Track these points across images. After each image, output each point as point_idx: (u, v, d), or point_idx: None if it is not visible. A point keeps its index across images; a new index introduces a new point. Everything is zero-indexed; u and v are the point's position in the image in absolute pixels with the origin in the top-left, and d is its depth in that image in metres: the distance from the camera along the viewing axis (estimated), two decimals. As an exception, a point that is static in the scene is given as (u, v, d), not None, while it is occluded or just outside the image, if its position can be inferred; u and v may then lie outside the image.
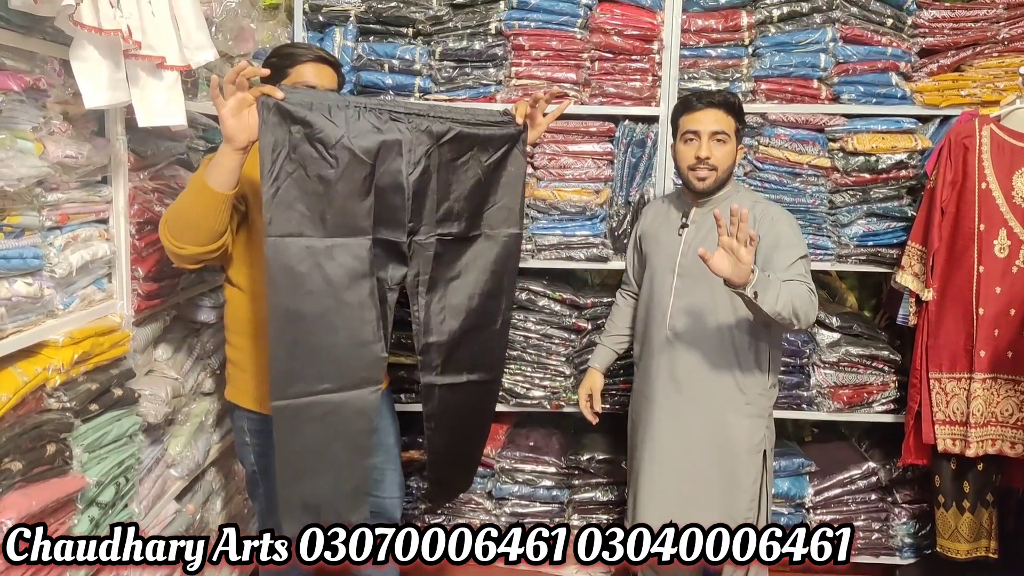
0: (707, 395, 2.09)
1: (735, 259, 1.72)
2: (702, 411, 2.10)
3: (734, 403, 2.08)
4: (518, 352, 2.77)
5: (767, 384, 2.10)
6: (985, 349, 2.37)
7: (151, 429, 1.97)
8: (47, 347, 1.57)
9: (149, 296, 1.92)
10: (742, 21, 2.62)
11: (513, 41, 2.65)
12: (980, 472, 2.47)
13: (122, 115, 1.77)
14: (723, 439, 2.09)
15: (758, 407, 2.09)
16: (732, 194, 2.14)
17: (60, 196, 1.60)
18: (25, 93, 1.45)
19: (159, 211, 1.93)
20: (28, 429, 1.48)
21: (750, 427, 2.09)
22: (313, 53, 1.85)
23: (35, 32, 1.50)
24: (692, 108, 2.07)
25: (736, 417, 2.08)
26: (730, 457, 2.09)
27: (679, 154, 2.11)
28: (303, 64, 1.82)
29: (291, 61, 1.83)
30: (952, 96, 2.62)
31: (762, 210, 2.09)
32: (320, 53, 1.86)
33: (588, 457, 2.84)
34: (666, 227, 2.20)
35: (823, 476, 2.80)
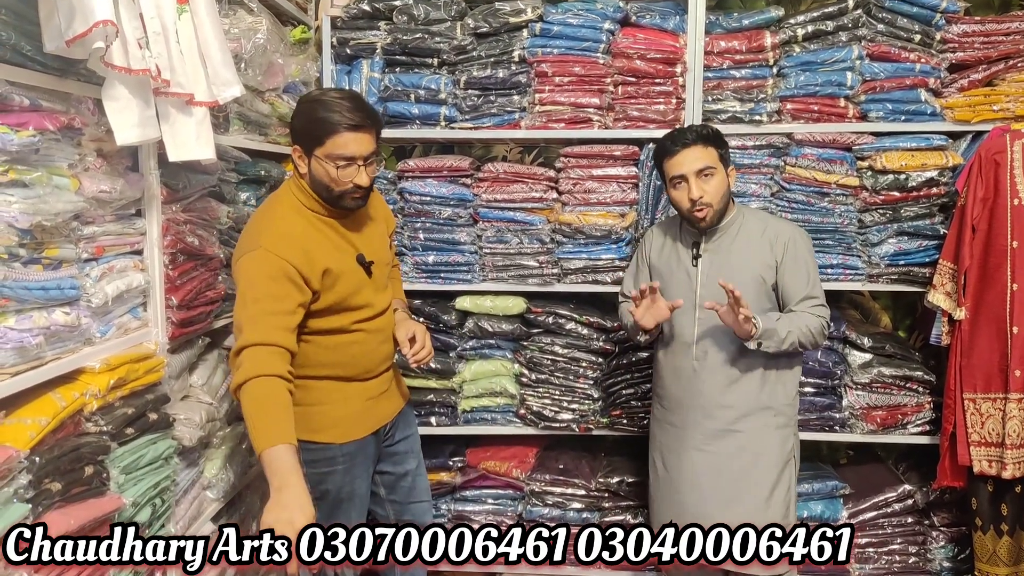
0: (738, 416, 2.11)
1: (736, 322, 1.95)
2: (735, 433, 2.12)
3: (764, 419, 2.11)
4: (546, 375, 2.78)
5: (792, 394, 2.14)
6: (1020, 368, 2.31)
7: (186, 452, 2.03)
8: (84, 373, 1.64)
9: (183, 324, 1.98)
10: (766, 41, 2.62)
11: (536, 68, 2.69)
12: (1018, 494, 2.40)
13: (155, 150, 1.85)
14: (756, 455, 2.11)
15: (786, 417, 2.14)
16: (738, 219, 2.15)
17: (96, 229, 1.67)
18: (61, 132, 1.52)
19: (191, 242, 2.00)
20: (67, 452, 1.54)
21: (781, 439, 2.13)
22: (350, 120, 1.76)
23: (69, 74, 1.58)
24: (670, 152, 2.08)
25: (768, 431, 2.12)
26: (765, 472, 2.12)
27: (673, 199, 2.12)
28: (341, 134, 1.76)
29: (328, 130, 1.76)
30: (984, 111, 2.57)
31: (775, 233, 2.10)
32: (358, 120, 1.77)
33: (618, 480, 2.83)
34: (676, 260, 2.20)
35: (858, 499, 2.74)
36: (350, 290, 1.89)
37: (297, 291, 1.78)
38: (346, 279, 1.88)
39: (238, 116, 2.31)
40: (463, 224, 2.78)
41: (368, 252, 1.95)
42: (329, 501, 1.98)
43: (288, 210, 1.87)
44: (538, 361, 2.77)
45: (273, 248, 1.75)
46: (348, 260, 1.90)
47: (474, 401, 2.85)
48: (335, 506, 2.00)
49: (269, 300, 1.73)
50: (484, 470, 2.91)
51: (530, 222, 2.74)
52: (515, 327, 2.80)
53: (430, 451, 2.77)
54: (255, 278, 1.74)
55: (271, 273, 1.74)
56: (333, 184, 1.81)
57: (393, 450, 2.14)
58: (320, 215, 1.89)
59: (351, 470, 1.99)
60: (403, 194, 2.80)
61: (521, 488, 2.88)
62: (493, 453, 2.96)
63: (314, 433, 1.92)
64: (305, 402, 1.90)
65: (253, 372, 1.67)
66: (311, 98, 1.82)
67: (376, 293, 1.97)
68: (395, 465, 2.15)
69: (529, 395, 2.80)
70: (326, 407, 1.95)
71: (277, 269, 1.74)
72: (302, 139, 1.82)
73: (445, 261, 2.80)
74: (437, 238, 2.79)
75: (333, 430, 1.95)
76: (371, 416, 2.03)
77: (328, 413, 1.95)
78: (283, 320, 1.74)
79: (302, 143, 1.82)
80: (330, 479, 1.97)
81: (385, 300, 2.02)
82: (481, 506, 2.91)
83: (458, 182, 2.79)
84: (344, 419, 1.97)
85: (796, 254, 2.09)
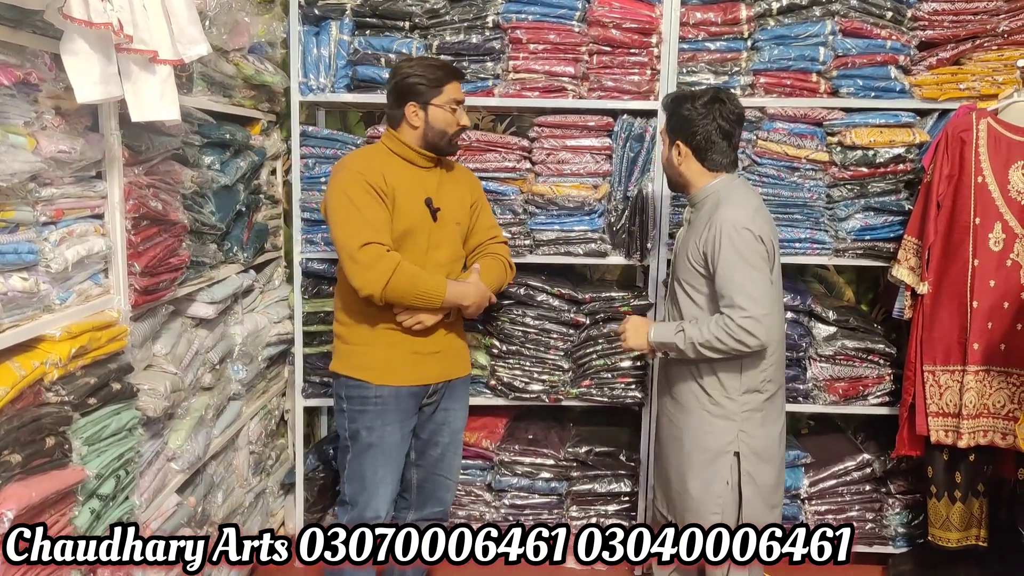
0: (683, 396, 2.10)
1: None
2: (683, 411, 2.10)
3: (704, 405, 2.06)
4: (517, 346, 2.78)
5: (739, 389, 2.02)
6: (979, 342, 2.38)
7: (151, 423, 1.98)
8: (44, 342, 1.58)
9: (146, 291, 1.92)
10: (741, 14, 2.62)
11: (511, 34, 2.64)
12: (972, 463, 2.48)
13: (116, 110, 1.77)
14: (697, 439, 2.07)
15: (725, 410, 2.04)
16: (711, 196, 2.04)
17: (54, 191, 1.60)
18: (16, 87, 1.44)
19: (154, 206, 1.93)
20: (27, 422, 1.49)
21: (721, 429, 2.04)
22: (456, 70, 2.17)
23: (24, 25, 1.50)
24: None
25: (707, 418, 2.05)
26: (700, 454, 2.06)
27: None
28: (454, 82, 2.13)
29: (446, 79, 2.11)
30: (951, 90, 2.61)
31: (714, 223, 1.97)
32: (459, 70, 2.19)
33: (587, 450, 2.85)
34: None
35: (818, 468, 2.81)
36: (412, 223, 2.11)
37: (380, 204, 2.06)
38: (410, 211, 2.11)
39: (202, 77, 2.23)
40: (434, 193, 2.74)
41: (439, 202, 2.16)
42: (360, 443, 2.16)
43: (375, 152, 2.18)
44: (509, 332, 2.77)
45: (357, 168, 2.08)
46: (417, 197, 2.13)
47: (444, 372, 2.83)
48: (364, 449, 2.16)
49: (368, 209, 2.03)
50: (453, 440, 2.91)
51: (503, 192, 2.71)
52: (486, 298, 2.78)
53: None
54: (351, 191, 2.04)
55: (363, 187, 2.04)
56: (448, 127, 2.13)
57: (432, 417, 2.25)
58: (408, 161, 2.15)
59: (383, 415, 2.14)
60: (372, 161, 2.74)
61: (491, 458, 2.89)
62: (462, 424, 2.96)
63: (354, 370, 2.16)
64: (353, 340, 2.17)
65: (391, 265, 2.00)
66: (412, 60, 2.21)
67: (441, 246, 2.16)
68: (430, 433, 2.27)
69: (500, 366, 2.80)
70: (371, 348, 2.14)
71: (364, 184, 2.04)
72: (420, 93, 2.10)
73: (415, 230, 2.75)
74: (407, 207, 2.75)
75: (371, 370, 2.14)
76: (414, 370, 2.16)
77: (370, 353, 2.15)
78: (383, 224, 2.05)
79: (419, 97, 2.10)
80: (361, 419, 2.15)
81: (450, 257, 2.20)
82: (449, 476, 2.92)
83: (429, 150, 2.74)
84: (385, 362, 2.14)
85: (715, 249, 1.96)
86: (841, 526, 2.74)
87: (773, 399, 2.07)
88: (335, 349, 2.24)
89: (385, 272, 1.99)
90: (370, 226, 2.02)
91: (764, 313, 1.91)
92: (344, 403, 2.19)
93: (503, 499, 2.89)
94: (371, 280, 2.00)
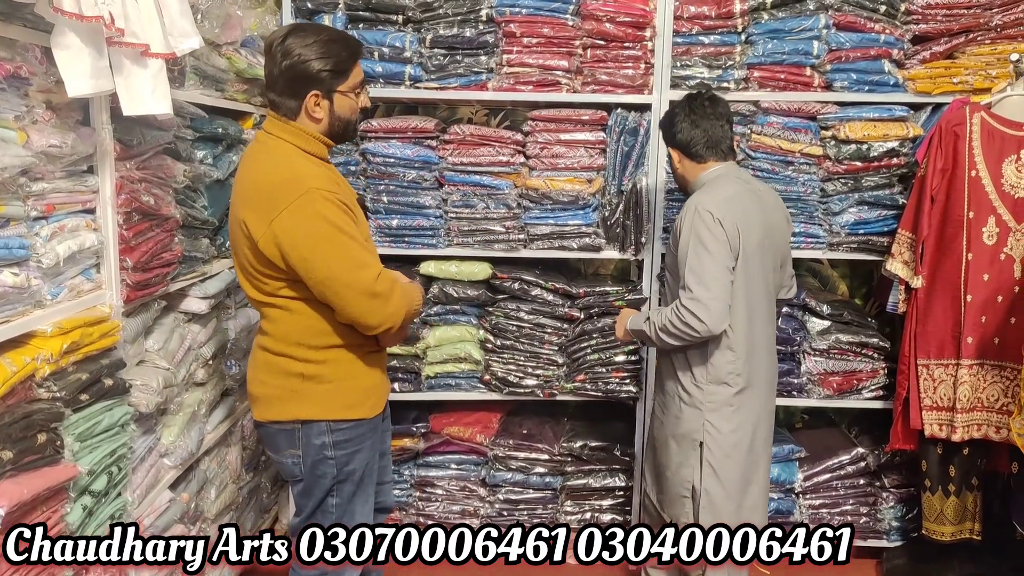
0: (666, 384, 2.17)
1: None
2: (664, 398, 2.18)
3: (678, 392, 2.10)
4: (511, 341, 2.77)
5: (706, 378, 2.04)
6: (972, 335, 2.39)
7: (143, 419, 1.97)
8: (35, 337, 1.57)
9: (138, 286, 1.91)
10: (735, 7, 2.61)
11: (504, 28, 2.63)
12: (966, 457, 2.49)
13: (107, 104, 1.76)
14: (670, 425, 2.13)
15: (693, 398, 2.06)
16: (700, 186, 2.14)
17: (45, 186, 1.59)
18: (6, 81, 1.43)
19: (146, 201, 1.92)
20: (18, 419, 1.48)
21: (688, 416, 2.07)
22: (356, 47, 1.82)
23: (14, 19, 1.48)
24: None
25: (679, 404, 2.10)
26: (672, 440, 2.13)
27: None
28: (357, 63, 1.81)
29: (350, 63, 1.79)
30: (944, 84, 2.62)
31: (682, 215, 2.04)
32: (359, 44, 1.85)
33: (581, 444, 2.85)
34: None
35: (813, 462, 2.82)
36: (365, 232, 1.87)
37: (354, 219, 1.79)
38: (360, 217, 1.86)
39: (194, 70, 2.21)
40: (428, 187, 2.73)
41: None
42: (355, 480, 1.90)
43: (296, 158, 1.78)
44: (503, 327, 2.76)
45: (313, 184, 1.71)
46: (355, 201, 1.87)
47: (438, 367, 2.83)
48: (359, 484, 1.92)
49: (351, 228, 1.74)
50: (448, 436, 2.91)
51: (497, 186, 2.70)
52: (480, 293, 2.78)
53: (393, 417, 2.73)
54: (330, 215, 1.70)
55: (336, 204, 1.72)
56: (353, 115, 1.84)
57: (385, 426, 2.09)
58: (320, 160, 1.82)
59: (373, 445, 1.94)
60: (366, 155, 2.73)
61: (485, 453, 2.88)
62: (457, 419, 2.96)
63: (349, 410, 1.86)
64: (337, 377, 1.85)
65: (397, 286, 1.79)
66: (307, 37, 1.74)
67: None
68: (383, 443, 2.09)
69: (494, 361, 2.79)
70: (358, 380, 1.88)
71: (335, 200, 1.73)
72: (323, 81, 1.75)
73: (410, 225, 2.75)
74: (401, 201, 2.74)
75: (365, 404, 1.89)
76: (386, 387, 2.00)
77: (359, 386, 1.88)
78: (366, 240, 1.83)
79: (322, 85, 1.75)
80: (357, 457, 1.89)
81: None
82: (444, 471, 2.92)
83: (423, 144, 2.73)
84: (373, 390, 1.92)
85: (679, 231, 2.01)
86: (841, 526, 2.75)
87: (744, 395, 2.06)
88: (298, 393, 1.83)
89: (400, 297, 1.78)
90: (366, 249, 1.78)
91: (711, 296, 1.89)
92: (330, 450, 1.85)
93: (497, 494, 2.89)
94: (392, 313, 1.77)
